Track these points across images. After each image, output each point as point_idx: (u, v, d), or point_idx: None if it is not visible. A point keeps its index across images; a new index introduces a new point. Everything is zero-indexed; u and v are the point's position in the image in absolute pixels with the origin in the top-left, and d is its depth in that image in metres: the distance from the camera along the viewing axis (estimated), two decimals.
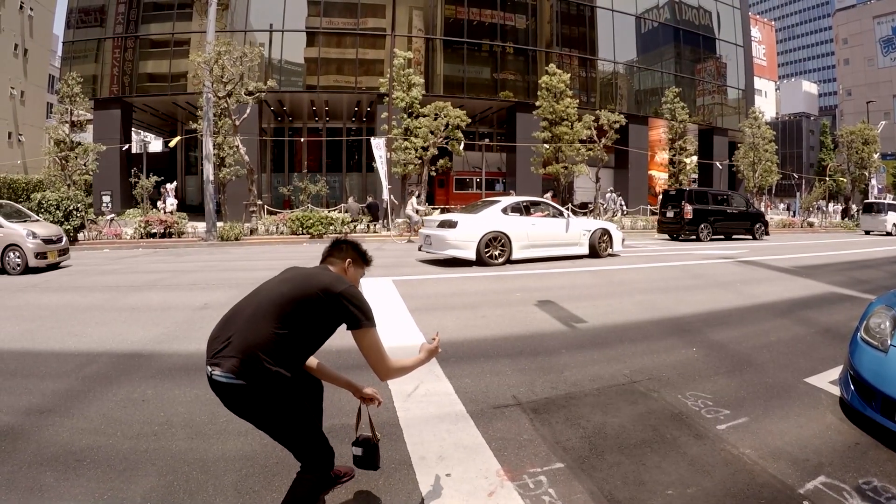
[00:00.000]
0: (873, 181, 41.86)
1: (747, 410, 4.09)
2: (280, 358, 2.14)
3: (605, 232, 12.98)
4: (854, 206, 40.96)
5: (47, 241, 10.60)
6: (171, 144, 27.33)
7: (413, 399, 4.03)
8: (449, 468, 3.04)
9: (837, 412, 4.16)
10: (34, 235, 10.42)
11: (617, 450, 3.36)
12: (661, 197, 23.09)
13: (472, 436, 3.46)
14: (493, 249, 11.27)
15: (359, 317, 2.24)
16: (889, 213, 27.28)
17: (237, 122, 18.55)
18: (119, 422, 3.57)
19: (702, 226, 18.85)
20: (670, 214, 19.70)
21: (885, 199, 46.20)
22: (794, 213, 40.35)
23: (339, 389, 2.88)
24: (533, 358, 5.11)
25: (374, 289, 8.08)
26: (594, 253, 12.60)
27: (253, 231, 17.73)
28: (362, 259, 2.54)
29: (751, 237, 20.36)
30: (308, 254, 13.39)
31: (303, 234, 17.62)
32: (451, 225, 11.26)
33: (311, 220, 17.69)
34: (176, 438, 3.33)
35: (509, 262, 11.41)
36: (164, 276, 10.15)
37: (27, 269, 10.21)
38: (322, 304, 2.21)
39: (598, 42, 36.15)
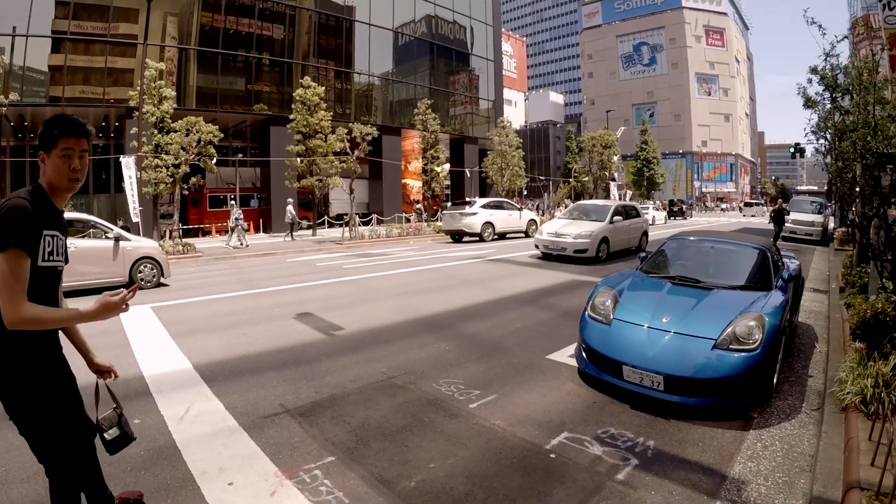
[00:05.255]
0: (615, 179, 50.16)
1: (496, 389, 4.65)
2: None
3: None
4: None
5: None
6: None
7: (186, 421, 4.18)
8: (230, 477, 3.28)
9: (577, 380, 4.85)
10: None
11: (381, 437, 3.77)
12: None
13: (247, 446, 3.72)
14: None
15: None
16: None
17: None
18: None
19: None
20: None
21: (625, 194, 56.25)
22: (543, 211, 47.42)
23: None
24: (296, 367, 5.48)
25: (133, 317, 7.82)
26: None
27: None
28: None
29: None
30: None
31: None
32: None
33: None
34: None
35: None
36: None
37: None
38: None
39: (354, 54, 37.88)
